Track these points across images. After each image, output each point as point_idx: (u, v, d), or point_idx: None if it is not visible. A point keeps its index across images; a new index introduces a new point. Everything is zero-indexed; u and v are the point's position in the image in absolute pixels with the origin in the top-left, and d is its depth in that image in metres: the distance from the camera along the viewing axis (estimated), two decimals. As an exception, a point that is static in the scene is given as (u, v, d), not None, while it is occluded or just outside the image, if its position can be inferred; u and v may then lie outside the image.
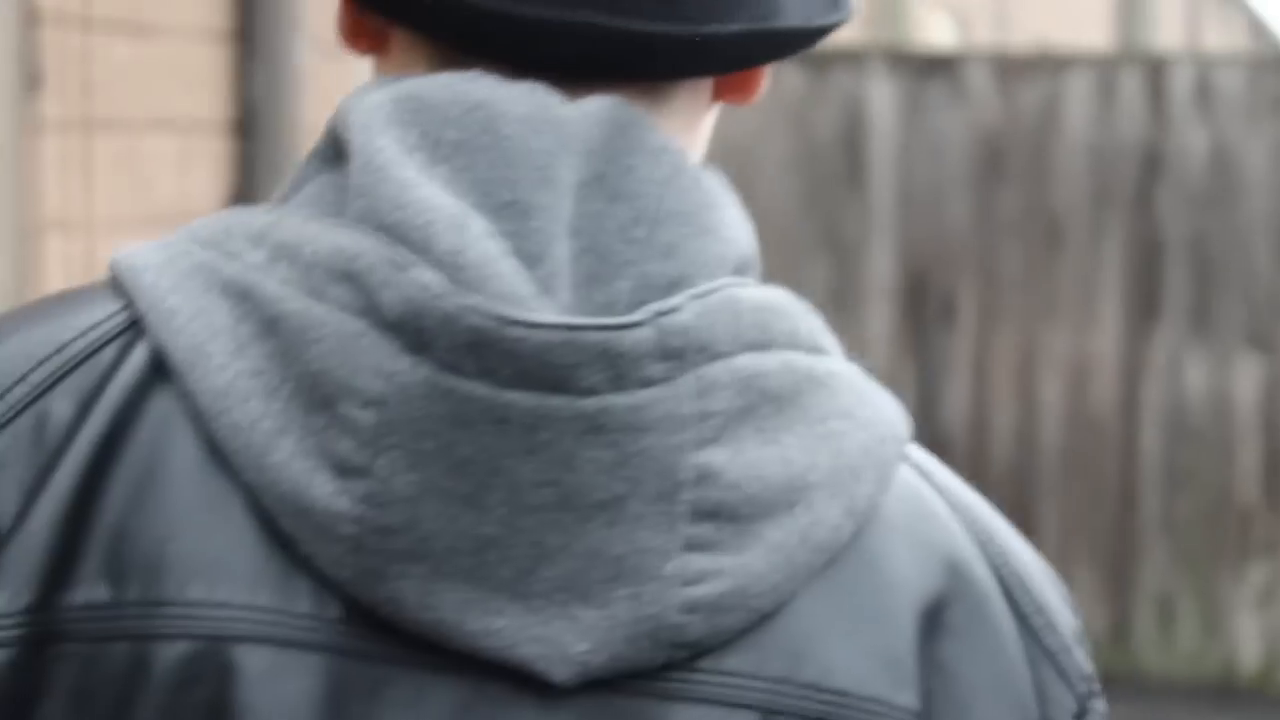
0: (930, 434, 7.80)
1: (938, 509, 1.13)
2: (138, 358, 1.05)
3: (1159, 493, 7.86)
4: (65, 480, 1.04)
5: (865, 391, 1.10)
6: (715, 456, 1.04)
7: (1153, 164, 7.77)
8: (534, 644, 1.02)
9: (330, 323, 1.02)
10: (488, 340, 1.01)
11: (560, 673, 1.02)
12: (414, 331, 1.02)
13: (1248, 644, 7.84)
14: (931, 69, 7.82)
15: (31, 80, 5.02)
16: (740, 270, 1.08)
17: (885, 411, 1.11)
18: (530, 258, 1.02)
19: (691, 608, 1.03)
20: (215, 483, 1.03)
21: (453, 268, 1.01)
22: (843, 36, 12.36)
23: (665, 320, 1.01)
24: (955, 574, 1.11)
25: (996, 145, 7.85)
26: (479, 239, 1.02)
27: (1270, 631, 7.81)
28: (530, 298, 1.01)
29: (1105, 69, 7.81)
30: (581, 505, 1.02)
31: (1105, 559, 7.88)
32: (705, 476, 1.03)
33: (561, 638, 1.02)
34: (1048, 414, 7.85)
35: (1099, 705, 1.15)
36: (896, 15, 12.04)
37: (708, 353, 1.03)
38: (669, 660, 1.03)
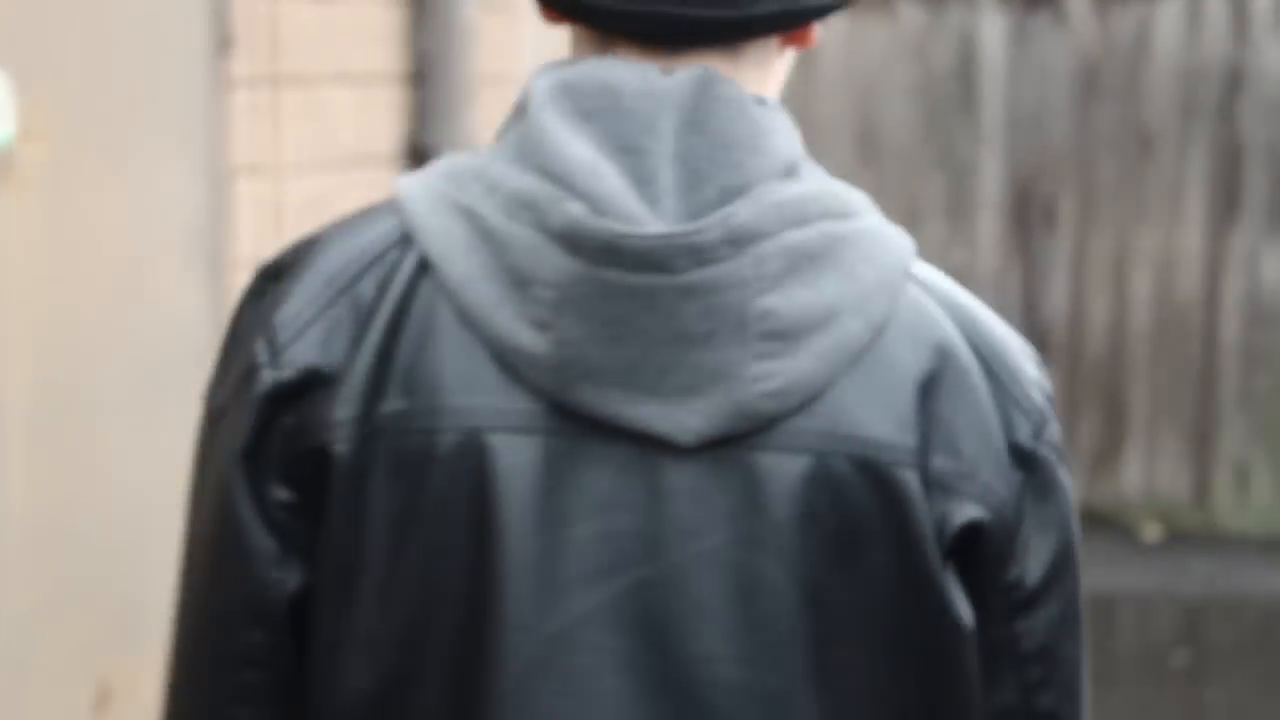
0: (1033, 326, 7.79)
1: (933, 312, 1.45)
2: (411, 259, 1.39)
3: (1237, 371, 7.74)
4: (374, 336, 1.38)
5: (881, 239, 1.43)
6: (771, 301, 1.38)
7: (1235, 79, 7.60)
8: (666, 421, 1.37)
9: (521, 235, 1.37)
10: (615, 246, 1.36)
11: (684, 439, 1.38)
12: (570, 242, 1.36)
13: (1317, 503, 7.80)
14: (1036, 2, 7.57)
15: (223, 42, 4.81)
16: (787, 173, 1.41)
17: (894, 252, 1.44)
18: (643, 181, 1.37)
19: (763, 395, 1.38)
20: (464, 335, 1.37)
21: (591, 199, 1.36)
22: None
23: (728, 222, 1.37)
24: (943, 355, 1.43)
25: (1094, 68, 7.72)
26: (606, 178, 1.37)
27: (1338, 492, 7.78)
28: (641, 215, 1.36)
29: (1192, -5, 7.58)
30: (687, 338, 1.37)
31: (1189, 431, 7.85)
32: (765, 313, 1.37)
33: (683, 418, 1.37)
34: (1138, 305, 7.78)
35: (1052, 428, 1.47)
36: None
37: (759, 236, 1.37)
38: (754, 428, 1.38)
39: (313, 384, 1.38)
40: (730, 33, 1.42)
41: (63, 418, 4.34)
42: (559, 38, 5.95)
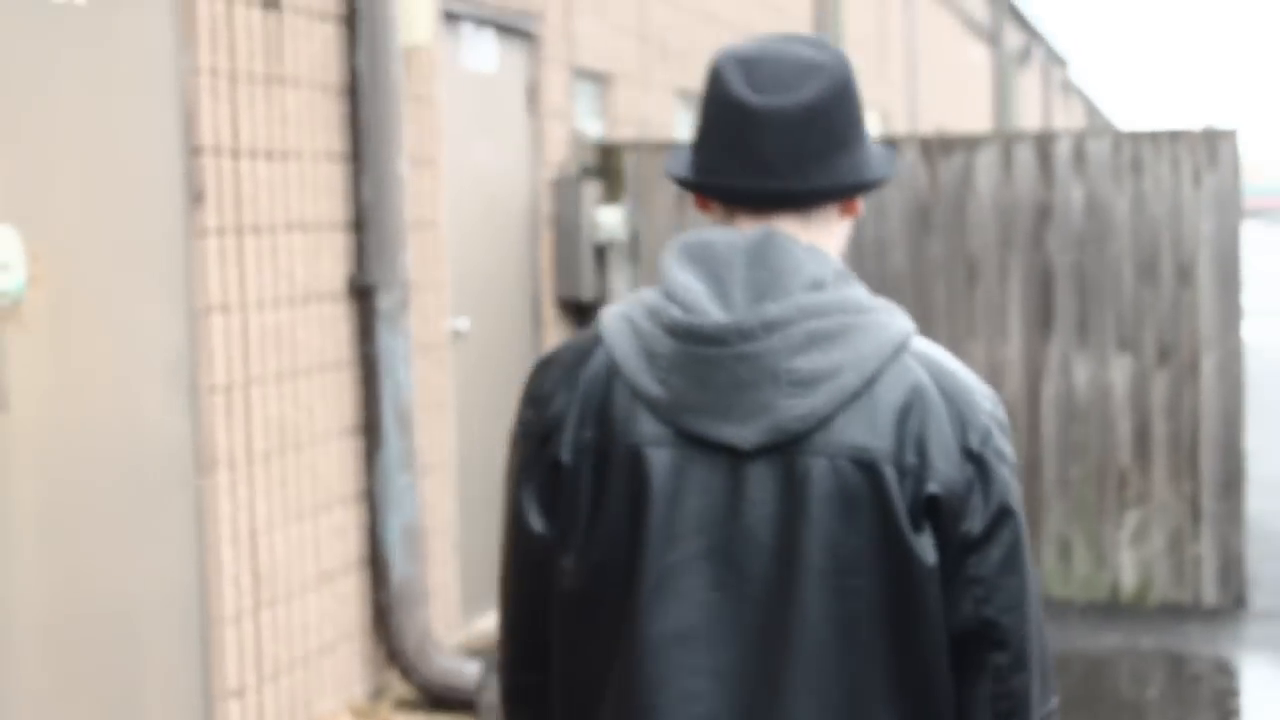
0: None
1: (915, 369, 2.01)
2: (602, 350, 2.03)
3: (1057, 462, 7.89)
4: (578, 394, 2.02)
5: (882, 327, 1.97)
6: (795, 362, 1.93)
7: (1043, 214, 7.79)
8: (735, 435, 1.94)
9: (651, 329, 2.00)
10: (694, 331, 1.96)
11: (745, 446, 1.94)
12: (672, 331, 1.99)
13: (1126, 572, 7.88)
14: (874, 151, 7.60)
15: (195, 197, 4.84)
16: (814, 287, 1.98)
17: (890, 334, 1.97)
18: (722, 295, 1.97)
19: (792, 419, 1.95)
20: (625, 390, 2.00)
21: (684, 306, 1.99)
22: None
23: (762, 315, 1.94)
24: (916, 393, 1.99)
25: (925, 206, 7.87)
26: (694, 293, 1.98)
27: (1143, 563, 7.87)
28: (713, 313, 1.97)
29: (1005, 144, 7.76)
30: (742, 386, 1.97)
31: (1019, 515, 7.71)
32: (791, 370, 1.93)
33: (745, 434, 1.93)
34: (972, 407, 7.68)
35: (994, 440, 1.98)
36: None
37: (786, 323, 1.95)
38: (788, 440, 1.93)
39: (555, 426, 2.05)
40: (796, 200, 2.00)
41: (65, 528, 4.35)
42: (471, 188, 6.07)
